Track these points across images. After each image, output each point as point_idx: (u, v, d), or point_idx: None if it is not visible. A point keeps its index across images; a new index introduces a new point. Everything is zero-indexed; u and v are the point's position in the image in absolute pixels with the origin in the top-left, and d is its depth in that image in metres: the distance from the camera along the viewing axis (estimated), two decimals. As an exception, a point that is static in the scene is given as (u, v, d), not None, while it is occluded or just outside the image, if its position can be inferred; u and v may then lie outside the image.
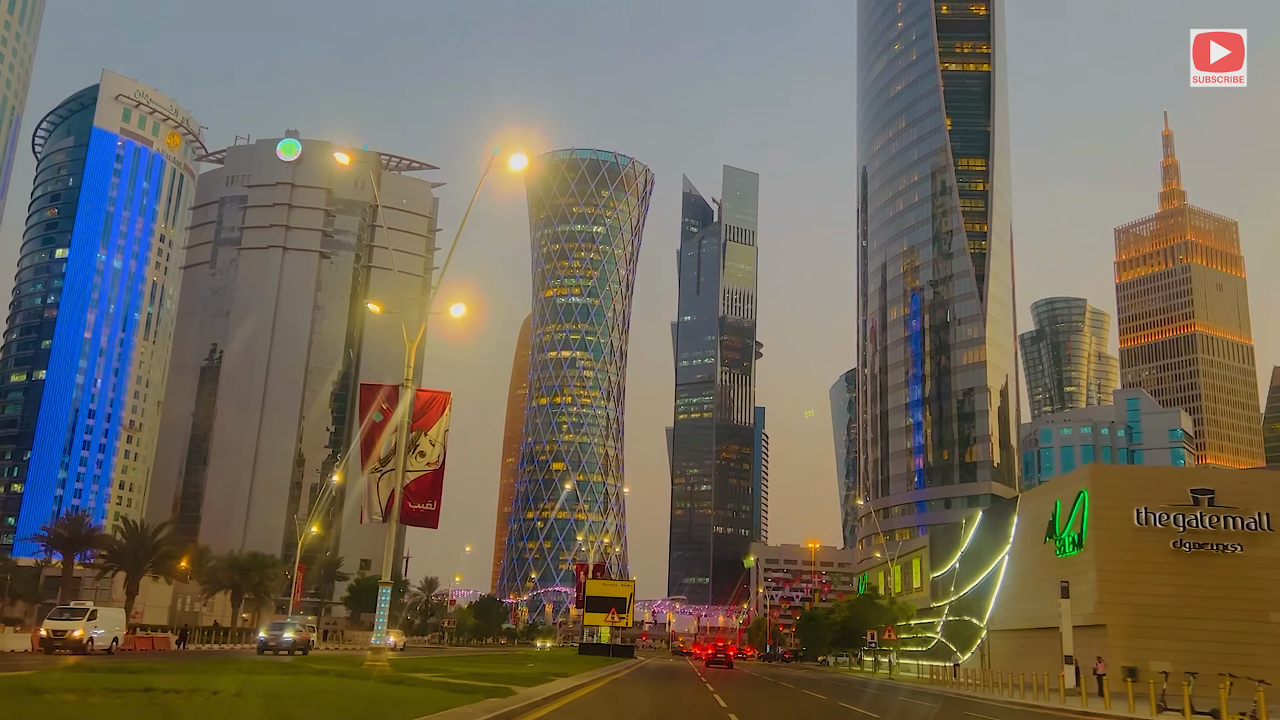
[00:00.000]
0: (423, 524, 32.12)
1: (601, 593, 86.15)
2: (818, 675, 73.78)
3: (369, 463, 31.50)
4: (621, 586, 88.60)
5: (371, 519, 32.10)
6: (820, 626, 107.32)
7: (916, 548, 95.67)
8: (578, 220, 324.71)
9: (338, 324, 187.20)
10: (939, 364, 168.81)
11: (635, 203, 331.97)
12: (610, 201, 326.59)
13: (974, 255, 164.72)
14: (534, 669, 41.01)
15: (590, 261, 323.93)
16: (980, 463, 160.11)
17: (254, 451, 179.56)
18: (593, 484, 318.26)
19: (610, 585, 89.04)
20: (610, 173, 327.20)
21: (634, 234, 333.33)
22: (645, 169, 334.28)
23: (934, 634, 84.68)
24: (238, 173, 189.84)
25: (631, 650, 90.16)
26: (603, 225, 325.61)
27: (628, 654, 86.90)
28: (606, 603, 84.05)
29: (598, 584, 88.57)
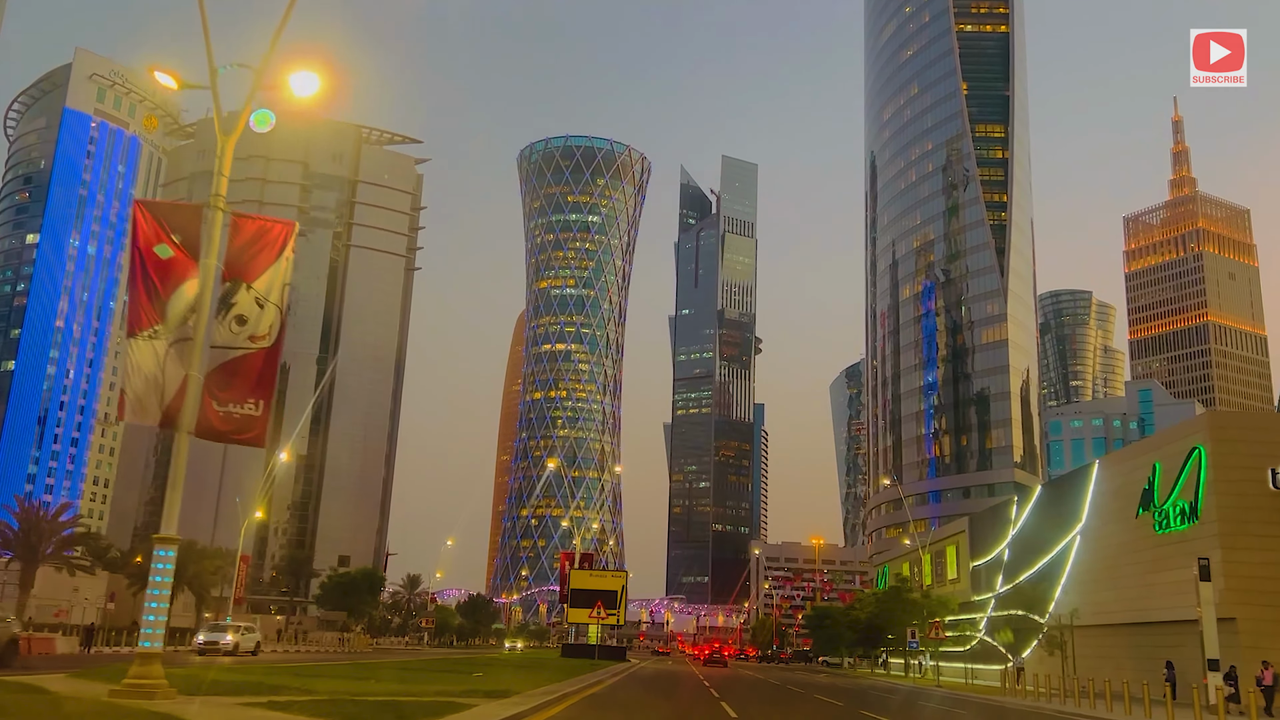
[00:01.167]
0: (242, 438, 18.56)
1: (587, 585, 72.58)
2: (847, 682, 60.26)
3: (143, 328, 17.89)
4: (611, 578, 75.12)
5: (138, 420, 18.60)
6: (837, 625, 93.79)
7: (951, 534, 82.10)
8: (572, 209, 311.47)
9: (314, 306, 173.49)
10: (955, 345, 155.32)
11: (631, 192, 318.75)
12: (606, 190, 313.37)
13: (994, 227, 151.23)
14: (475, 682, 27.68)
15: (585, 252, 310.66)
16: (1001, 449, 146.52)
17: (222, 450, 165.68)
18: (588, 480, 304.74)
19: (599, 577, 75.55)
20: (606, 160, 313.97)
21: (630, 224, 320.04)
22: (642, 156, 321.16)
23: (976, 632, 71.08)
24: (209, 147, 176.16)
25: (623, 653, 76.68)
26: (598, 215, 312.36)
27: (618, 656, 73.32)
28: (593, 597, 70.56)
29: (583, 575, 74.96)
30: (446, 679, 29.91)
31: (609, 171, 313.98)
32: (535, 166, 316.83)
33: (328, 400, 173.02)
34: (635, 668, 58.82)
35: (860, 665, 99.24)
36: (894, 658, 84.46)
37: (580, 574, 74.95)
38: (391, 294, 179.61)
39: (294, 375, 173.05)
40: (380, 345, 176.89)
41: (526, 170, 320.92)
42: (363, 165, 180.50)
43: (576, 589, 73.00)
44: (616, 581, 74.36)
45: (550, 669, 44.22)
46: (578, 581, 73.14)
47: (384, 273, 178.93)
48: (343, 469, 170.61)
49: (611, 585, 73.85)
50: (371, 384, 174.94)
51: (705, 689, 38.65)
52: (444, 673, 36.18)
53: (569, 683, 31.82)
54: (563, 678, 34.72)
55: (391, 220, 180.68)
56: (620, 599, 73.38)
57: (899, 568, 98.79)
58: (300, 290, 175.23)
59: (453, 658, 60.45)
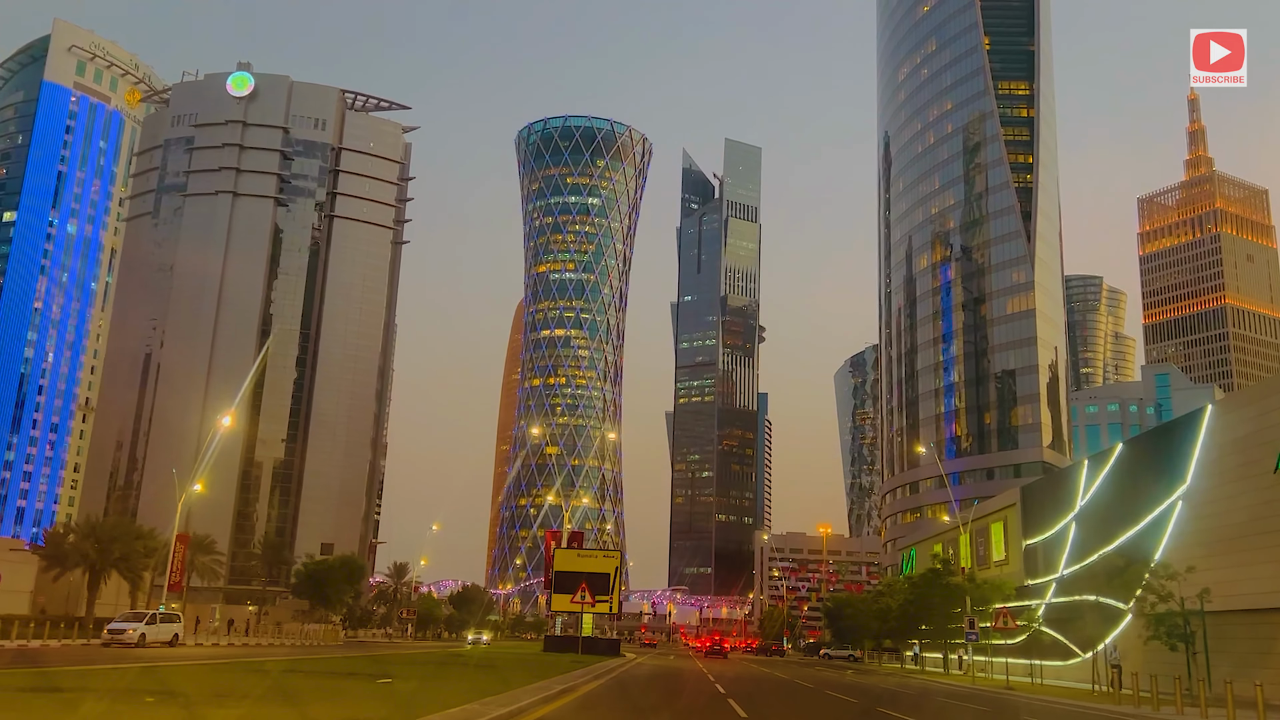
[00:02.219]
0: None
1: (573, 567, 60.53)
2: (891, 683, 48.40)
3: None
4: (603, 559, 63.11)
5: None
6: (860, 615, 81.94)
7: (998, 509, 69.95)
8: (571, 191, 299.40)
9: (296, 280, 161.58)
10: (977, 317, 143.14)
11: (632, 173, 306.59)
12: (606, 172, 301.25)
13: (1019, 190, 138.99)
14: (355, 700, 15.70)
15: (585, 235, 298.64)
16: (1028, 427, 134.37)
17: (199, 423, 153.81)
18: (589, 469, 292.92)
19: (587, 557, 63.41)
20: (606, 141, 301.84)
21: (631, 207, 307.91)
22: (643, 138, 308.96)
23: (1033, 622, 59.13)
24: (184, 112, 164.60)
25: (617, 646, 64.65)
26: (598, 197, 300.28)
27: (610, 651, 61.32)
28: (580, 581, 58.68)
29: (569, 555, 62.79)
30: (319, 695, 18.00)
31: (609, 153, 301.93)
32: (533, 148, 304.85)
33: (309, 378, 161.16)
34: (627, 666, 46.86)
35: (885, 660, 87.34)
36: (929, 651, 72.47)
37: (565, 554, 62.84)
38: (378, 267, 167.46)
39: (274, 352, 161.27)
40: (366, 322, 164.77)
41: (524, 152, 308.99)
42: (347, 132, 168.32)
43: (561, 572, 60.99)
44: (608, 563, 62.31)
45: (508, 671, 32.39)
46: (562, 563, 61.14)
47: (370, 245, 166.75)
48: (326, 452, 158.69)
49: (603, 567, 61.85)
50: (356, 362, 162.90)
51: (721, 697, 26.70)
52: (344, 677, 24.37)
53: (519, 694, 19.98)
54: (510, 686, 22.81)
55: (377, 190, 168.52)
56: (614, 584, 61.39)
57: (929, 551, 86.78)
58: (280, 262, 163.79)
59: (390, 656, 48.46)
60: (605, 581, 61.38)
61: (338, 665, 33.41)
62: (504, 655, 52.17)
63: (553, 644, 61.18)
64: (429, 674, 29.10)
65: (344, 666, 32.22)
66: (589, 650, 59.19)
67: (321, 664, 34.06)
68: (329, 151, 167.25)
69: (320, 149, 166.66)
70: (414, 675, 27.33)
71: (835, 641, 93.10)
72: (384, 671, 28.78)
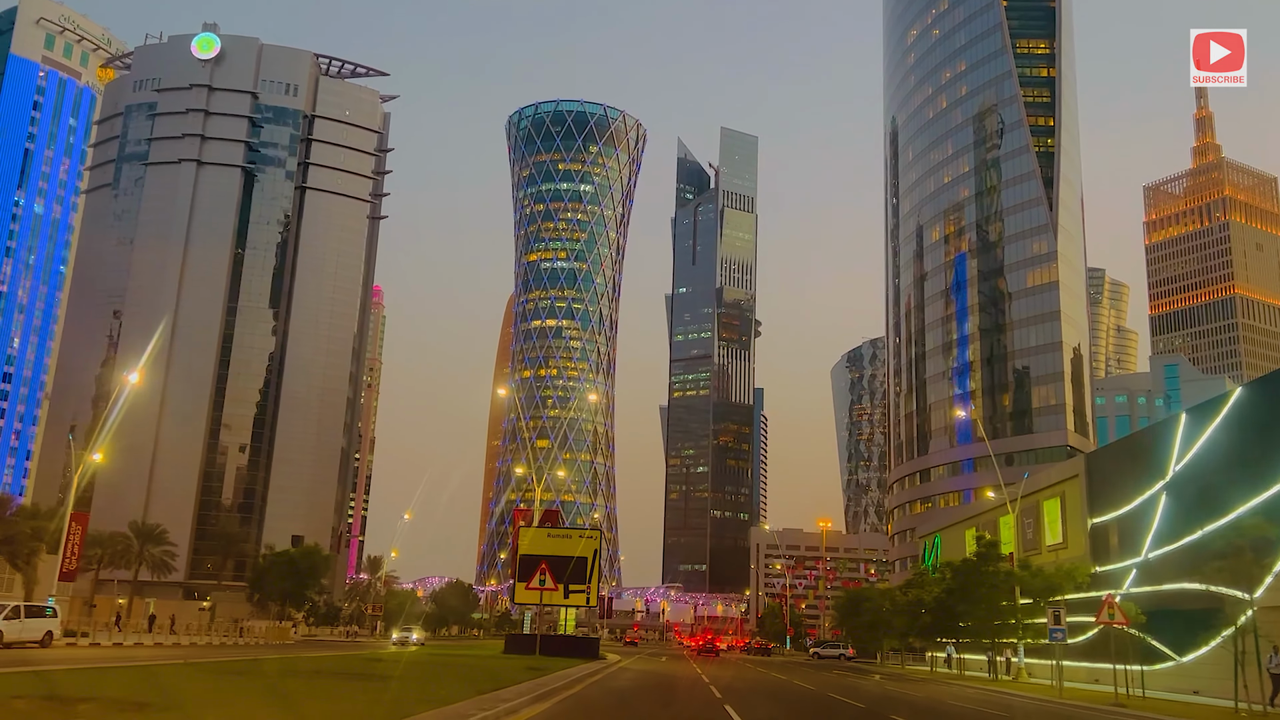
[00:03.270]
0: None
1: (541, 549, 48.39)
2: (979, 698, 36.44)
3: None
4: (580, 540, 50.85)
5: None
6: (882, 610, 69.91)
7: (1053, 482, 57.86)
8: (563, 178, 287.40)
9: (265, 254, 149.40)
10: (993, 291, 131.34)
11: (626, 160, 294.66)
12: (599, 158, 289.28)
13: (1039, 155, 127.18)
14: None
15: (577, 223, 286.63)
16: (1049, 408, 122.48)
17: (159, 407, 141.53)
18: (580, 463, 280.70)
19: (559, 538, 50.97)
20: (599, 127, 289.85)
21: (625, 195, 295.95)
22: (637, 123, 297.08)
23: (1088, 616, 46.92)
24: (146, 76, 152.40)
25: (595, 647, 52.10)
26: (590, 184, 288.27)
27: (587, 653, 49.07)
28: (549, 566, 46.68)
29: (536, 536, 50.33)
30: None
31: (602, 138, 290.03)
32: (524, 133, 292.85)
33: (279, 358, 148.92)
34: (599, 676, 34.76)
35: (907, 661, 75.34)
36: (968, 652, 60.43)
37: (533, 534, 50.57)
38: (353, 243, 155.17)
39: (240, 331, 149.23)
40: (339, 300, 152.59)
41: (515, 137, 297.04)
42: (320, 99, 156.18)
43: (528, 556, 48.88)
44: (586, 544, 50.11)
45: (406, 686, 20.35)
46: (529, 544, 48.96)
47: (344, 219, 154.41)
48: (296, 438, 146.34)
49: (579, 550, 49.68)
50: (330, 343, 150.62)
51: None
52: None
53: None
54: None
55: (353, 161, 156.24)
56: (592, 570, 49.29)
57: (957, 538, 74.85)
58: (248, 236, 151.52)
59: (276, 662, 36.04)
60: (581, 567, 49.33)
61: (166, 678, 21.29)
62: (436, 659, 39.98)
63: (517, 644, 49.02)
64: (258, 692, 17.23)
65: (167, 682, 20.16)
66: (560, 651, 47.12)
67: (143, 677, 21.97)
68: (301, 119, 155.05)
69: (291, 116, 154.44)
70: (263, 691, 15.54)
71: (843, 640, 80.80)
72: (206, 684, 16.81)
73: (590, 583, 49.24)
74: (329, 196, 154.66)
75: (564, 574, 49.00)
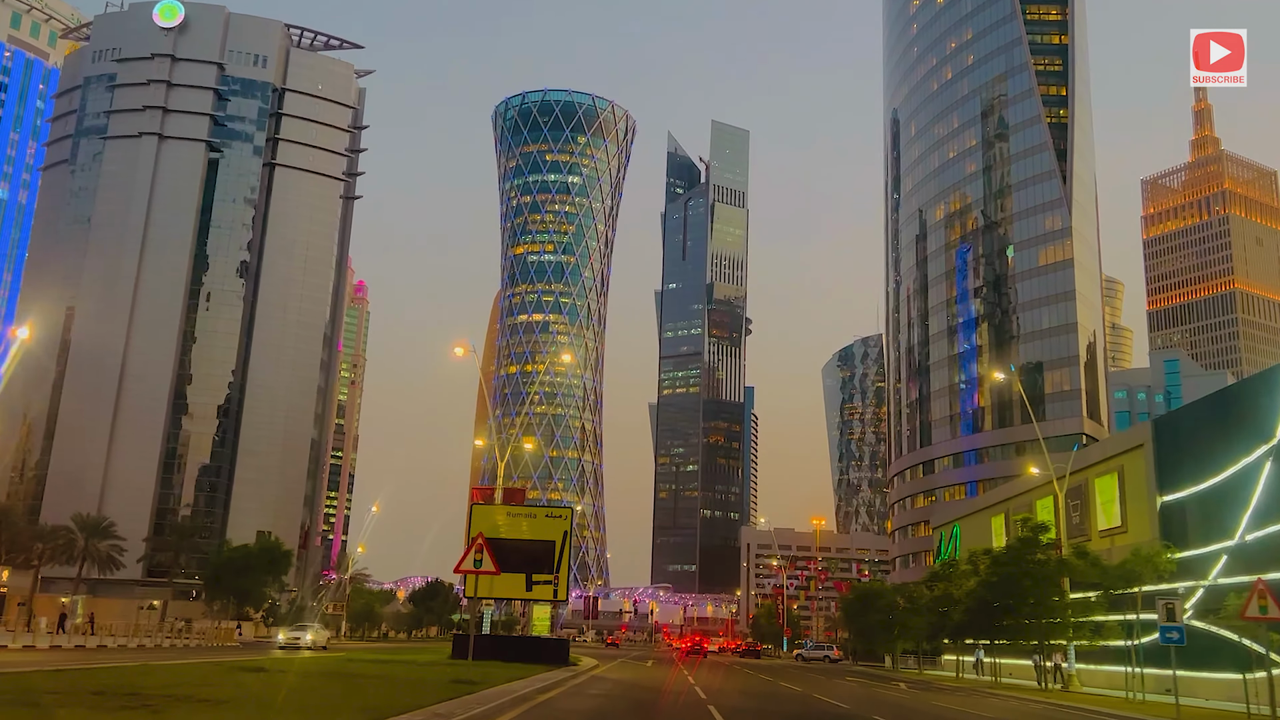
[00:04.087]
0: None
1: (499, 531, 39.14)
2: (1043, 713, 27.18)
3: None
4: (544, 521, 41.53)
5: None
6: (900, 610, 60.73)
7: (1109, 455, 48.48)
8: (551, 169, 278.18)
9: (233, 234, 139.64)
10: (1001, 270, 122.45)
11: (615, 151, 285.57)
12: (587, 149, 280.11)
13: (1052, 126, 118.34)
14: None
15: (565, 215, 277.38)
16: (1063, 394, 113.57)
17: (114, 399, 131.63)
18: (567, 460, 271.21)
19: (519, 517, 41.58)
20: (587, 117, 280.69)
21: (614, 187, 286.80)
22: (625, 114, 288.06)
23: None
24: (106, 46, 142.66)
25: (564, 650, 42.20)
26: (579, 175, 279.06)
27: (552, 658, 39.40)
28: (508, 552, 37.35)
29: (492, 515, 40.84)
30: None
31: (590, 129, 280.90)
32: (511, 123, 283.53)
33: (245, 343, 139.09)
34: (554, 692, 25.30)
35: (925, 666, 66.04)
36: (1005, 656, 51.15)
37: (489, 513, 41.14)
38: (326, 223, 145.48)
39: (205, 315, 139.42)
40: (310, 283, 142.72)
41: (501, 128, 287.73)
42: (291, 71, 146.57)
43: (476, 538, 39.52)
44: (553, 526, 40.67)
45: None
46: (483, 522, 39.68)
47: (317, 199, 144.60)
48: (264, 429, 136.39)
49: (543, 532, 40.26)
50: (300, 327, 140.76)
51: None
52: None
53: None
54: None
55: (326, 137, 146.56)
56: (560, 556, 39.92)
57: (980, 526, 65.65)
58: (213, 213, 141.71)
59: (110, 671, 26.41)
60: (548, 554, 39.93)
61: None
62: (324, 669, 30.35)
63: (464, 647, 39.52)
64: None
65: None
66: (517, 655, 37.62)
67: None
68: (270, 93, 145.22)
69: (260, 89, 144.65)
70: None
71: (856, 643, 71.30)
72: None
73: (559, 573, 39.84)
74: (300, 174, 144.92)
75: (526, 562, 39.65)
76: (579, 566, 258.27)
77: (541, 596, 40.53)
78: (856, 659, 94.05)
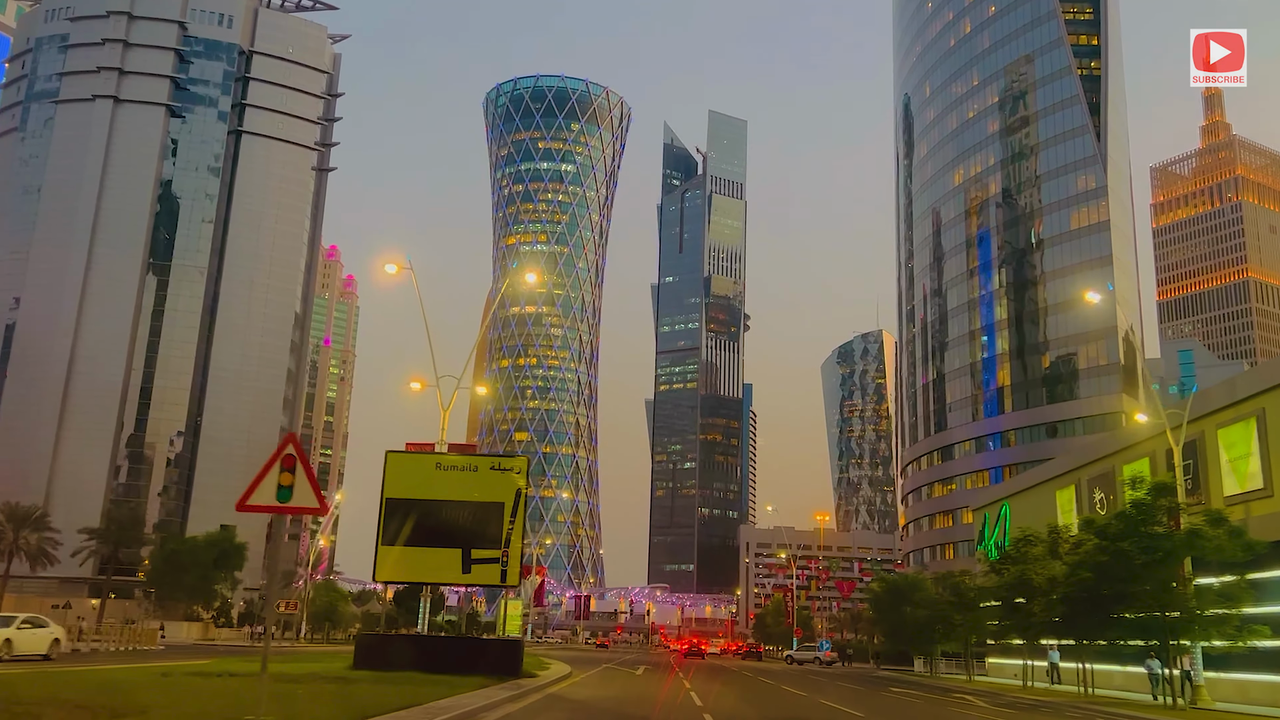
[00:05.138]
0: None
1: (425, 491, 27.30)
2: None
3: None
4: (488, 476, 29.77)
5: None
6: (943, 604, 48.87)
7: (1236, 400, 36.51)
8: (543, 157, 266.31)
9: (197, 205, 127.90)
10: (1028, 237, 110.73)
11: (609, 139, 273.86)
12: (581, 136, 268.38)
13: (1084, 78, 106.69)
14: None
15: (558, 204, 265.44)
16: (1099, 369, 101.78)
17: (64, 382, 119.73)
18: (561, 456, 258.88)
19: (450, 470, 29.70)
20: (580, 103, 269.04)
21: (608, 175, 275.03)
22: (620, 100, 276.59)
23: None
24: (60, 4, 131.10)
25: (513, 657, 30.01)
26: (572, 163, 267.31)
27: (495, 666, 27.19)
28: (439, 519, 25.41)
29: (417, 469, 29.04)
30: None
31: (584, 116, 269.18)
32: (502, 110, 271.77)
33: (207, 322, 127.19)
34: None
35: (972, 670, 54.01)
36: (1095, 660, 39.06)
37: (409, 464, 29.22)
38: (297, 195, 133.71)
39: (166, 292, 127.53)
40: (280, 259, 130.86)
41: (493, 115, 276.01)
42: (260, 33, 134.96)
43: (398, 501, 27.68)
44: (499, 483, 28.65)
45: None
46: (402, 479, 27.86)
47: (287, 169, 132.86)
48: (228, 415, 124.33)
49: (487, 491, 28.30)
50: (268, 306, 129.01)
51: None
52: None
53: None
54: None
55: (297, 103, 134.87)
56: (510, 525, 27.84)
57: (1039, 503, 53.68)
58: (174, 183, 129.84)
59: None
60: (493, 520, 27.89)
61: None
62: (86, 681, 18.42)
63: (370, 654, 27.36)
64: None
65: None
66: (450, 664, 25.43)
67: None
68: (236, 55, 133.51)
69: (225, 51, 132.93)
70: None
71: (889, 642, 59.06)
72: None
73: (509, 547, 27.76)
74: (269, 142, 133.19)
75: (464, 532, 27.66)
76: (573, 566, 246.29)
77: (484, 580, 28.54)
78: (880, 662, 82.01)
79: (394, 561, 27.47)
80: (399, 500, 27.77)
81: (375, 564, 27.54)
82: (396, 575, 28.26)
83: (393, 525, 27.57)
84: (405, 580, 30.47)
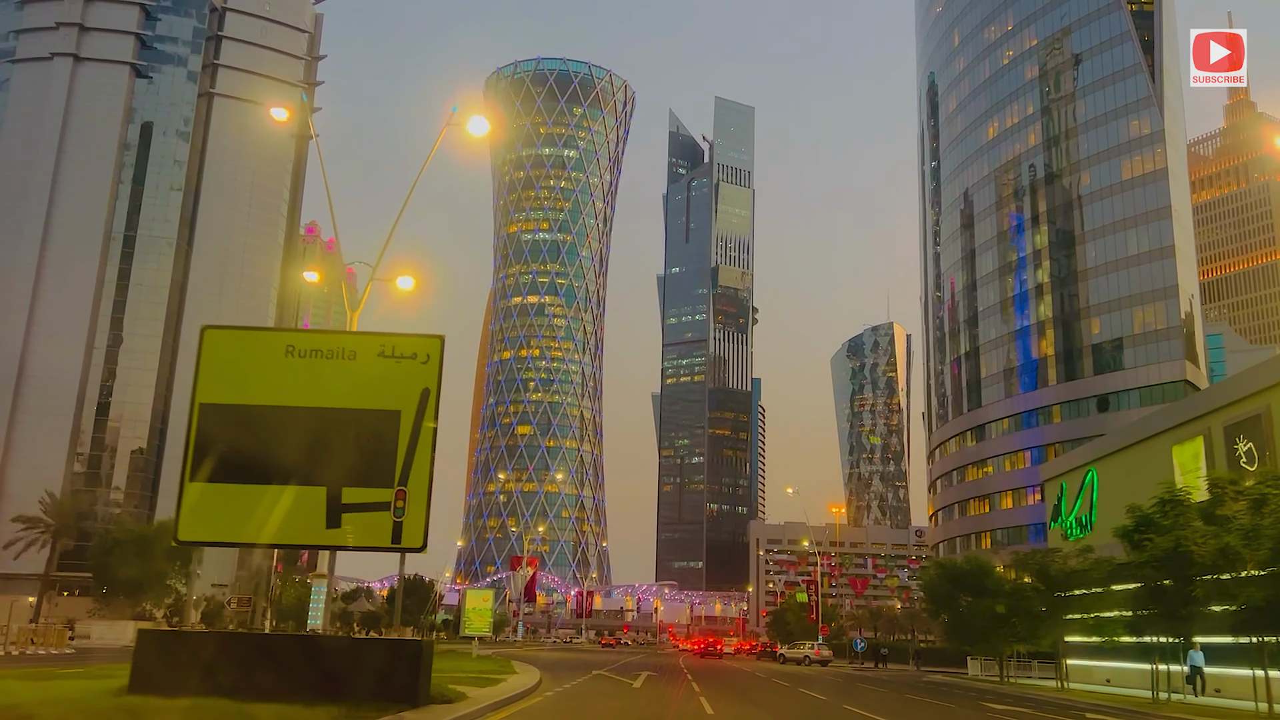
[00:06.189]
0: None
1: (277, 394, 15.82)
2: None
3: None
4: (379, 366, 18.55)
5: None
6: (1029, 594, 37.23)
7: None
8: (545, 142, 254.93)
9: (165, 170, 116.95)
10: (1071, 190, 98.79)
11: (613, 124, 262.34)
12: (584, 121, 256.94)
13: (1135, 14, 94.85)
14: None
15: (561, 191, 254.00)
16: (1154, 334, 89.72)
17: (16, 365, 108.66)
18: (565, 450, 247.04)
19: (311, 357, 18.65)
20: (584, 87, 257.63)
21: (612, 161, 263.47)
22: (625, 84, 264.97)
23: None
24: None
25: (407, 670, 18.32)
26: (575, 149, 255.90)
27: (377, 691, 15.56)
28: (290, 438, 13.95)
29: (256, 352, 17.01)
30: None
31: (587, 99, 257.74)
32: (504, 95, 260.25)
33: (177, 299, 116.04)
34: None
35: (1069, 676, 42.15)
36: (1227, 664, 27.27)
37: (241, 347, 17.80)
38: (275, 163, 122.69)
39: (138, 268, 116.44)
40: (257, 231, 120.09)
41: (494, 99, 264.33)
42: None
43: (216, 408, 16.11)
44: (395, 380, 17.38)
45: None
46: (220, 369, 16.49)
47: (265, 136, 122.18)
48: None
49: (372, 396, 16.71)
50: (243, 283, 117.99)
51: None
52: None
53: None
54: None
55: (275, 65, 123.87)
56: (410, 445, 16.08)
57: (1141, 463, 41.83)
58: (140, 149, 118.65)
59: None
60: (382, 441, 16.22)
61: None
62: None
63: (163, 664, 15.86)
64: None
65: None
66: (291, 683, 13.86)
67: None
68: (208, 11, 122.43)
69: (196, 6, 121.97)
70: None
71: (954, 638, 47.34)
72: None
73: (407, 485, 16.00)
74: (244, 105, 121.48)
75: (330, 461, 15.99)
76: (578, 563, 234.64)
77: (363, 540, 16.53)
78: (920, 663, 70.06)
79: (210, 509, 15.84)
80: (221, 408, 16.26)
81: (178, 515, 15.84)
82: (213, 533, 16.70)
83: (210, 450, 16.04)
84: (226, 541, 18.83)
